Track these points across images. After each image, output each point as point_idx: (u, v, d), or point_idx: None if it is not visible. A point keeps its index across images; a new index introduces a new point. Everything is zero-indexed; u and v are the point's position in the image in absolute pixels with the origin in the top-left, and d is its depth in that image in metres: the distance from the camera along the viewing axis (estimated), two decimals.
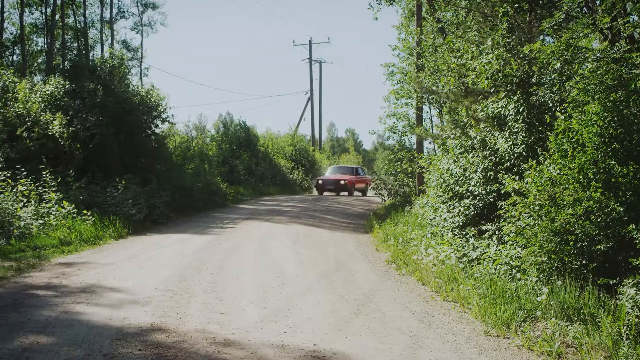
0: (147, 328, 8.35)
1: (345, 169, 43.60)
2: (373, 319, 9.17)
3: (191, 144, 37.89)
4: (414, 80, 21.71)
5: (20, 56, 42.07)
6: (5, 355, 7.03)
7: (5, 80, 22.43)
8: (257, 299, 10.30)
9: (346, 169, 43.59)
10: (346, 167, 45.12)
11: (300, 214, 25.69)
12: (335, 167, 45.01)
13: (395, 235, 16.47)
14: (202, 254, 14.89)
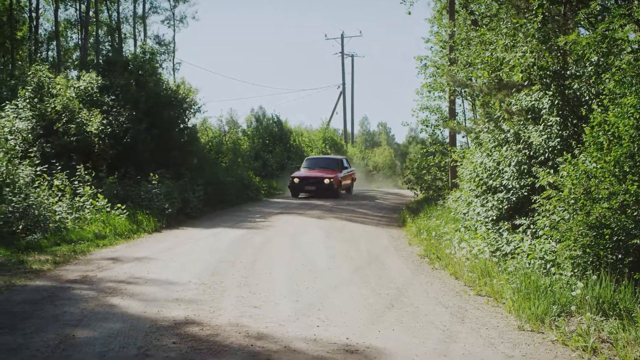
0: (181, 321, 8.39)
1: (327, 161, 32.85)
2: (406, 313, 9.14)
3: (224, 139, 38.02)
4: (447, 74, 21.56)
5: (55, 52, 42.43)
6: (41, 348, 7.11)
7: (40, 75, 22.66)
8: (290, 292, 10.32)
9: (329, 161, 32.80)
10: (329, 158, 34.17)
11: (333, 207, 25.68)
12: (313, 158, 34.20)
13: (428, 229, 16.40)
14: (235, 247, 14.94)
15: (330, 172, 30.71)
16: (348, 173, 32.97)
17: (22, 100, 21.33)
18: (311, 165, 32.18)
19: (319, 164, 32.05)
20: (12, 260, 12.45)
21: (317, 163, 32.43)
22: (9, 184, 15.56)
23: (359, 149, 60.91)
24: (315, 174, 30.39)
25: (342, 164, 32.50)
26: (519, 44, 13.14)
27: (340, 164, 32.05)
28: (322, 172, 30.55)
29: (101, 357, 6.84)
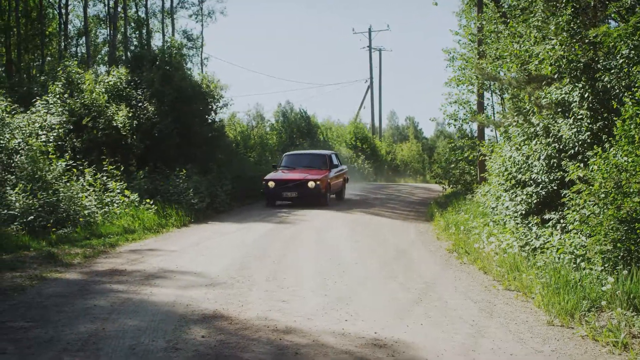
0: (209, 315, 8.43)
1: (312, 158, 26.17)
2: (434, 308, 9.12)
3: (251, 133, 38.12)
4: (475, 67, 21.41)
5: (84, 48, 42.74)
6: (72, 341, 7.18)
7: (70, 71, 22.85)
8: (318, 287, 10.33)
9: (314, 158, 26.11)
10: (314, 154, 27.17)
11: (360, 202, 25.70)
12: (293, 155, 27.33)
13: (457, 223, 16.33)
14: (262, 242, 14.99)
15: (315, 172, 24.17)
16: (339, 172, 26.02)
17: (52, 96, 21.53)
18: (291, 163, 25.62)
19: (301, 162, 25.57)
20: (43, 254, 12.58)
21: (298, 160, 25.83)
22: (39, 179, 15.73)
23: (387, 143, 60.77)
24: (296, 175, 23.89)
25: (331, 161, 25.66)
26: (548, 36, 13.03)
27: (328, 161, 25.29)
28: (305, 173, 24.02)
29: (131, 350, 6.90)
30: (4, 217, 14.06)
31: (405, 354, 7.00)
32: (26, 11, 37.54)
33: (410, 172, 57.32)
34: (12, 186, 15.25)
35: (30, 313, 8.45)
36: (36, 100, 21.37)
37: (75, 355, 6.70)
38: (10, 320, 8.09)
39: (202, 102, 25.96)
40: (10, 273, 10.94)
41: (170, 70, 25.26)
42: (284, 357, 6.79)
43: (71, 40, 43.83)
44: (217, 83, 26.93)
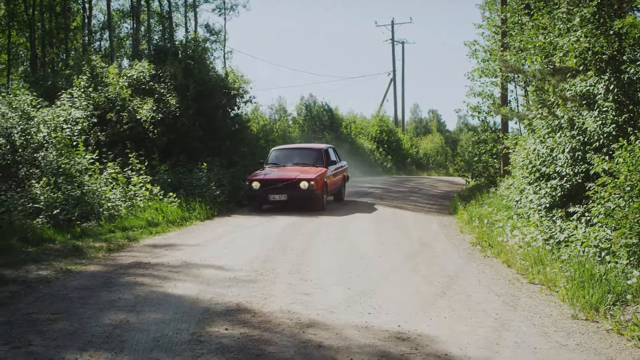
0: (233, 308, 8.46)
1: (306, 153, 22.30)
2: (458, 301, 9.09)
3: (274, 127, 38.17)
4: (499, 59, 21.30)
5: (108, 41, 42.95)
6: (97, 333, 7.24)
7: (94, 65, 22.99)
8: (341, 280, 10.33)
9: (308, 153, 22.23)
10: (308, 148, 22.99)
11: (383, 195, 25.66)
12: (284, 149, 23.26)
13: (480, 216, 16.26)
14: (286, 235, 15.02)
15: (309, 169, 20.60)
16: (337, 170, 22.43)
17: (76, 90, 21.66)
18: (281, 159, 21.99)
19: (292, 158, 21.99)
20: (68, 247, 12.68)
21: (289, 156, 22.17)
22: (64, 173, 15.84)
23: (410, 136, 60.63)
24: (287, 173, 20.33)
25: (328, 156, 21.97)
26: (573, 28, 12.93)
27: (324, 157, 21.58)
28: (296, 171, 20.46)
29: (155, 343, 6.94)
30: (29, 210, 14.17)
31: (429, 347, 6.99)
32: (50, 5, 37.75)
33: (433, 165, 57.18)
34: (38, 180, 15.37)
35: (55, 305, 8.52)
36: (61, 94, 21.51)
37: (100, 348, 6.75)
38: (36, 312, 8.17)
39: (225, 96, 26.05)
40: (35, 265, 11.04)
41: (193, 63, 25.36)
42: (307, 350, 6.80)
43: (95, 34, 44.06)
44: (240, 77, 27.00)
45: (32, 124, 16.99)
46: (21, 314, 8.01)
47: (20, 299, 8.84)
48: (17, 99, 17.95)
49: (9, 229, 13.28)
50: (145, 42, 41.51)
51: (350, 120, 49.50)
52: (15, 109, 17.27)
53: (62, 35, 39.18)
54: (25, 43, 41.07)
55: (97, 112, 21.20)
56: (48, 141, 16.80)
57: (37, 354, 6.57)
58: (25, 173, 15.76)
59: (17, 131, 16.43)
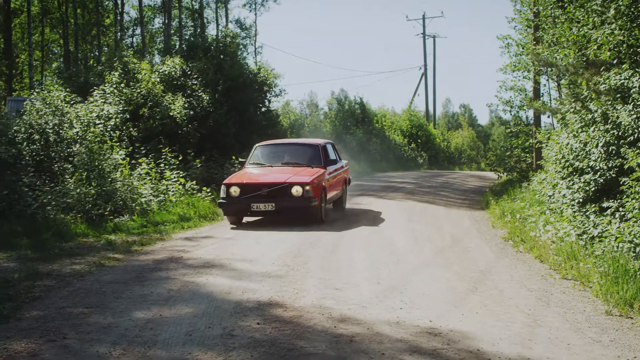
0: (264, 302, 8.48)
1: (299, 150, 18.23)
2: (490, 296, 9.04)
3: (305, 121, 38.22)
4: (531, 53, 21.12)
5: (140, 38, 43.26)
6: (130, 327, 7.29)
7: (126, 61, 23.16)
8: (372, 275, 10.32)
9: (302, 150, 18.16)
10: (302, 144, 18.92)
11: (414, 190, 25.59)
12: (272, 145, 19.00)
13: (512, 211, 16.16)
14: (316, 230, 15.02)
15: (304, 170, 16.50)
16: (338, 171, 18.24)
17: (109, 86, 21.85)
18: (267, 157, 17.77)
19: (282, 156, 17.83)
20: (101, 242, 12.80)
21: (278, 154, 18.04)
22: (97, 168, 15.98)
23: (441, 130, 60.39)
24: (275, 175, 16.17)
25: (327, 154, 17.79)
26: (607, 21, 12.78)
27: (323, 155, 17.42)
28: (287, 172, 16.27)
29: (188, 337, 6.97)
30: (62, 205, 14.32)
31: (461, 342, 6.95)
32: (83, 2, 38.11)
33: (465, 160, 56.92)
34: (71, 175, 15.52)
35: (89, 299, 8.61)
36: (93, 90, 21.71)
37: (133, 341, 6.80)
38: (70, 306, 8.25)
39: (257, 91, 26.13)
40: (69, 260, 11.16)
41: (224, 59, 25.46)
42: (338, 344, 6.80)
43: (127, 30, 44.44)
44: (271, 72, 27.07)
45: (65, 120, 17.16)
46: (55, 308, 8.09)
47: (55, 293, 8.93)
48: (50, 95, 18.14)
49: (44, 224, 13.44)
50: (177, 38, 41.76)
51: (382, 115, 49.39)
52: (49, 105, 17.46)
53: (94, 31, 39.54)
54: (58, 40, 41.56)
55: (130, 107, 21.37)
56: (81, 137, 16.96)
57: (71, 347, 6.63)
58: (59, 168, 15.91)
59: (51, 127, 16.60)
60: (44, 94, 18.23)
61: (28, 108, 17.37)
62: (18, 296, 8.65)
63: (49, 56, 43.49)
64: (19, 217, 13.65)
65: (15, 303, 8.32)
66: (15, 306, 8.17)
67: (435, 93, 62.31)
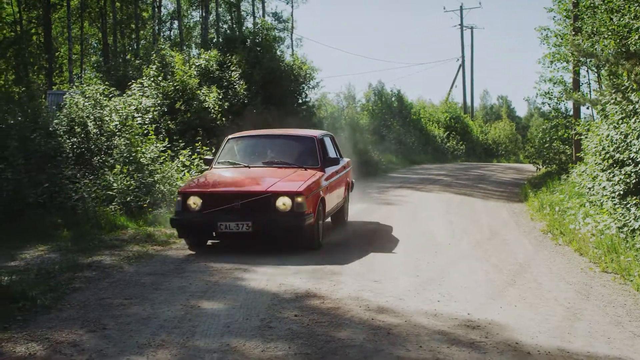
0: (302, 294, 8.50)
1: (287, 145, 13.62)
2: (528, 289, 8.98)
3: (342, 114, 38.19)
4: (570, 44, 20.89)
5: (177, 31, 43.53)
6: (169, 318, 7.36)
7: (164, 54, 23.32)
8: (410, 267, 10.30)
9: (292, 145, 13.61)
10: (290, 137, 14.09)
11: (452, 182, 25.48)
12: (250, 138, 14.24)
13: (551, 204, 16.01)
14: (354, 222, 15.02)
15: (293, 173, 12.28)
16: (339, 173, 14.07)
17: (146, 79, 22.02)
18: (243, 155, 13.51)
19: (263, 152, 13.55)
20: (140, 234, 12.92)
21: (259, 149, 13.73)
22: (136, 160, 16.11)
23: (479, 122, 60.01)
24: (252, 181, 12.07)
25: (325, 150, 13.71)
26: None
27: (320, 151, 13.21)
28: (269, 177, 12.09)
29: (226, 328, 7.02)
30: (102, 197, 14.47)
31: (499, 335, 6.92)
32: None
33: (503, 152, 56.47)
34: (110, 167, 15.67)
35: (128, 290, 8.70)
36: (132, 84, 21.89)
37: (172, 332, 6.86)
38: (110, 297, 8.34)
39: (293, 83, 26.18)
40: (109, 252, 11.28)
41: (260, 51, 25.53)
42: (376, 336, 6.80)
43: (164, 24, 44.70)
44: (308, 64, 27.11)
45: (105, 113, 17.33)
46: (95, 299, 8.19)
47: (95, 284, 9.04)
48: (90, 88, 18.32)
49: (84, 216, 13.60)
50: (214, 31, 41.93)
51: (420, 107, 49.22)
52: (88, 98, 17.64)
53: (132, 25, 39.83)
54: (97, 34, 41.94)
55: (167, 101, 21.52)
56: (120, 129, 17.12)
57: (111, 338, 6.71)
58: (99, 161, 16.08)
59: (92, 120, 16.78)
60: (83, 88, 18.42)
61: (68, 102, 17.57)
62: (59, 287, 8.76)
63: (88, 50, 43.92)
64: (59, 209, 13.82)
65: (57, 294, 8.43)
66: (56, 297, 8.28)
67: (473, 84, 62.20)
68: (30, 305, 7.80)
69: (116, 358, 6.16)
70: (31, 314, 7.54)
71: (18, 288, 8.30)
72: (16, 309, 7.65)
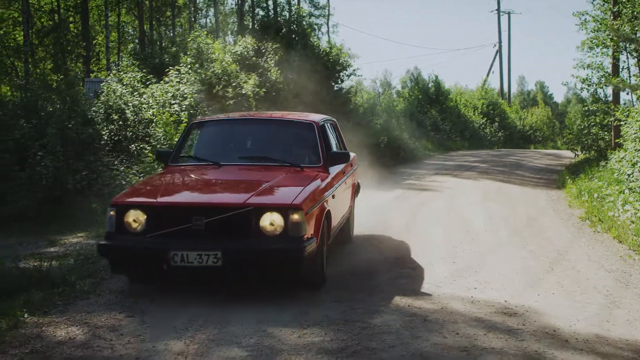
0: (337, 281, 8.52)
1: (275, 134, 9.75)
2: (566, 277, 8.89)
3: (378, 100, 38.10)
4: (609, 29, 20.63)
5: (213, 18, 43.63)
6: (205, 305, 7.38)
7: (200, 42, 23.41)
8: (446, 254, 10.26)
9: (282, 133, 9.76)
10: (280, 122, 10.25)
11: (489, 169, 25.32)
12: (222, 124, 10.29)
13: (590, 191, 15.83)
14: (390, 208, 15.00)
15: (284, 177, 8.43)
16: (347, 174, 10.37)
17: (183, 66, 22.11)
18: (213, 148, 9.72)
19: (241, 143, 9.79)
20: None
21: (236, 139, 9.91)
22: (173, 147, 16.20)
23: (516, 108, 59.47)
24: (223, 187, 8.47)
25: (328, 140, 9.82)
26: None
27: (322, 142, 9.33)
28: (248, 181, 8.36)
29: (261, 315, 7.04)
30: None
31: (537, 322, 6.87)
32: None
33: (540, 138, 55.90)
34: (147, 155, 15.78)
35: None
36: (168, 71, 22.02)
37: (208, 319, 6.89)
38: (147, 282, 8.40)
39: (329, 70, 26.15)
40: None
41: (296, 38, 25.54)
42: (412, 323, 6.79)
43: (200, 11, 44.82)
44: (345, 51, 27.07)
45: (142, 100, 17.44)
46: (133, 285, 8.23)
47: None
48: (127, 75, 18.46)
49: None
50: (250, 18, 41.97)
51: (456, 93, 48.93)
52: (125, 86, 17.77)
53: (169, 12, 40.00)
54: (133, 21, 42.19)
55: (204, 87, 21.61)
56: (157, 117, 17.22)
57: (149, 322, 6.78)
58: (136, 148, 16.19)
59: (128, 107, 16.90)
60: (120, 75, 18.56)
61: (105, 89, 17.72)
62: (97, 273, 8.86)
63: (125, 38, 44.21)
64: (97, 196, 13.95)
65: (95, 279, 8.53)
66: (95, 282, 8.38)
67: (510, 70, 61.42)
68: (69, 291, 7.92)
69: (154, 342, 6.22)
70: (70, 299, 7.65)
71: (58, 274, 8.42)
72: (56, 294, 7.76)
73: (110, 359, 5.87)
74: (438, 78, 46.14)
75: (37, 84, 19.70)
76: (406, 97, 43.89)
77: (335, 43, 28.53)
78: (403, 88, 47.30)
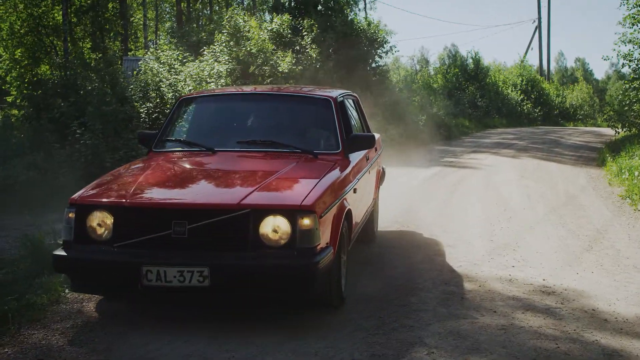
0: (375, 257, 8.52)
1: (279, 115, 7.81)
2: (606, 256, 8.79)
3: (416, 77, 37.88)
4: None
5: None
6: None
7: (236, 19, 23.40)
8: (484, 232, 10.20)
9: (287, 115, 7.81)
10: (288, 99, 8.15)
11: (527, 146, 25.09)
12: (217, 99, 8.46)
13: (631, 168, 15.60)
14: (428, 186, 14.96)
15: (291, 168, 6.58)
16: (370, 161, 8.48)
17: (219, 45, 22.13)
18: (205, 130, 7.84)
19: (241, 125, 7.82)
20: None
21: (233, 119, 7.92)
22: None
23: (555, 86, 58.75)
24: (214, 183, 6.44)
25: (348, 121, 7.97)
26: None
27: (339, 123, 7.42)
28: (246, 174, 6.53)
29: None
30: None
31: (575, 302, 6.80)
32: None
33: (580, 115, 55.19)
34: None
35: None
36: (204, 50, 22.05)
37: None
38: None
39: (366, 47, 26.02)
40: None
41: (333, 15, 25.43)
42: (450, 301, 6.76)
43: None
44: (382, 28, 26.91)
45: (179, 78, 17.52)
46: None
47: None
48: (164, 54, 18.54)
49: None
50: None
51: (495, 70, 48.48)
52: (163, 64, 17.86)
53: None
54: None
55: (240, 65, 21.62)
56: None
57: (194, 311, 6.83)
58: None
59: (166, 85, 16.99)
60: (157, 53, 18.64)
61: (143, 67, 17.82)
62: None
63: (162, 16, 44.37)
64: None
65: None
66: None
67: (549, 47, 60.50)
68: None
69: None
70: None
71: None
72: None
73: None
74: (478, 54, 45.75)
75: (76, 62, 19.84)
76: (444, 74, 43.60)
77: (373, 19, 28.33)
78: (441, 65, 46.90)
